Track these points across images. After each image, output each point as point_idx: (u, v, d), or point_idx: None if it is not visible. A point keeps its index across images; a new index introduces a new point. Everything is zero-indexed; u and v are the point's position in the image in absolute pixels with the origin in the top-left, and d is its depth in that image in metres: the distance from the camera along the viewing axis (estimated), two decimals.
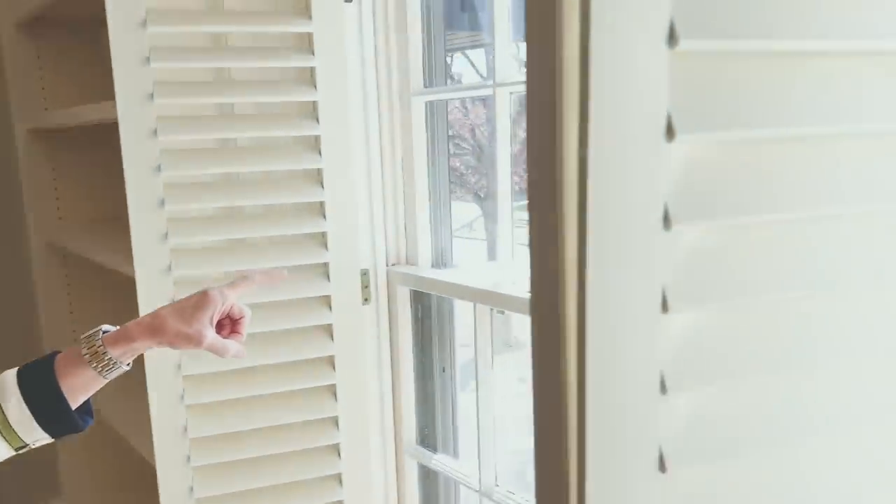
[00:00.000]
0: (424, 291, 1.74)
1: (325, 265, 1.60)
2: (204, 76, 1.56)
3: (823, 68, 0.67)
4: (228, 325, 1.15)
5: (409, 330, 1.78)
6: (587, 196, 0.59)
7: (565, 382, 0.63)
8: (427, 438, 1.87)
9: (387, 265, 1.74)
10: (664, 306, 0.63)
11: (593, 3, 0.56)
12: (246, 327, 1.16)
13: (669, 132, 0.60)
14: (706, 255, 0.65)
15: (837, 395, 0.72)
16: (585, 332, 0.61)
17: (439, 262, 1.79)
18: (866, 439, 0.74)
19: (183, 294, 1.30)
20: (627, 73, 0.58)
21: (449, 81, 2.16)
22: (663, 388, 0.64)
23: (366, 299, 1.71)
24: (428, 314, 1.82)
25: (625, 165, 0.60)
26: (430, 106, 1.71)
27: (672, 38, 0.59)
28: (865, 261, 0.70)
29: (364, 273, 1.69)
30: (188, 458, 1.59)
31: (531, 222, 0.65)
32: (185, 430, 1.57)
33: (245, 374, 1.60)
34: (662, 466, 0.64)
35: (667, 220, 0.61)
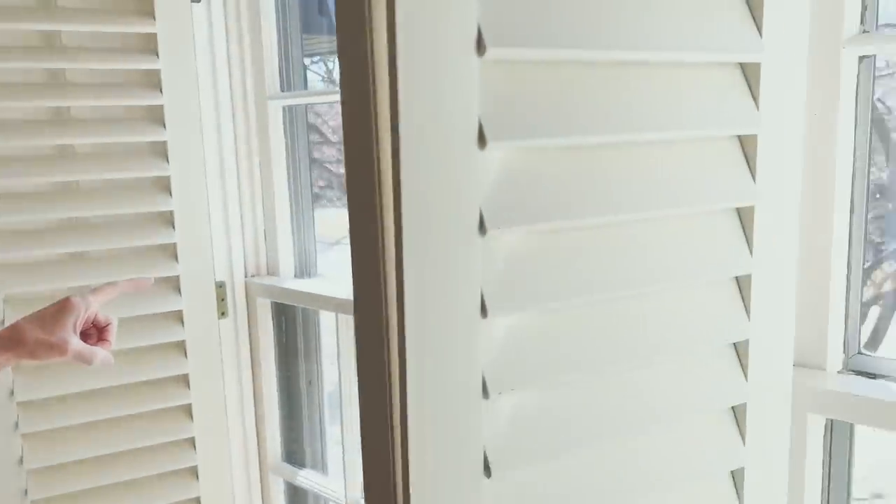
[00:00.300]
0: (286, 303, 1.69)
1: (176, 278, 1.52)
2: (34, 78, 1.44)
3: (634, 77, 0.70)
4: (95, 333, 1.08)
5: (271, 343, 1.72)
6: (401, 202, 0.58)
7: (388, 388, 0.63)
8: (294, 454, 1.81)
9: (245, 276, 1.68)
10: (483, 310, 0.63)
11: (399, 12, 0.56)
12: (114, 335, 1.09)
13: (481, 139, 0.61)
14: (525, 260, 0.66)
15: (654, 391, 0.75)
16: (405, 338, 0.60)
17: (303, 271, 1.74)
18: (683, 432, 0.78)
19: (13, 315, 1.20)
20: (437, 80, 0.58)
21: (330, 86, 2.12)
22: (486, 392, 0.64)
23: (223, 313, 1.64)
24: (292, 326, 1.77)
25: (438, 172, 0.60)
26: (289, 110, 1.66)
27: (480, 46, 0.59)
28: (676, 261, 0.74)
29: (220, 285, 1.62)
30: (25, 492, 1.46)
31: (351, 228, 0.64)
32: (21, 461, 1.44)
33: (90, 398, 1.49)
34: (488, 471, 0.65)
35: (482, 226, 0.62)
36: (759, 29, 0.75)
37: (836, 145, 0.93)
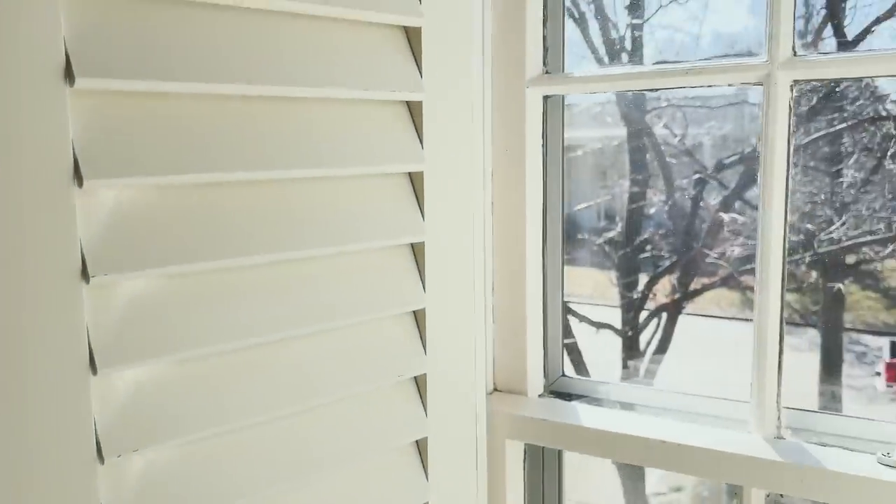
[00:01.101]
0: None
1: None
2: None
3: (282, 114, 0.68)
4: None
5: None
6: None
7: None
8: None
9: None
10: (93, 365, 0.57)
11: None
12: None
13: (78, 177, 0.55)
14: (148, 308, 0.60)
15: (324, 434, 0.73)
16: None
17: None
18: (361, 473, 0.76)
19: None
20: (12, 110, 0.52)
21: None
22: (101, 455, 0.58)
23: None
24: None
25: (23, 211, 0.53)
26: None
27: (69, 76, 0.54)
28: (342, 299, 0.73)
29: None
30: None
31: None
32: None
33: None
34: None
35: (86, 272, 0.56)
36: (420, 69, 0.76)
37: (525, 178, 0.98)
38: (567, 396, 1.05)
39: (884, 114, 5.01)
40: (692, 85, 0.88)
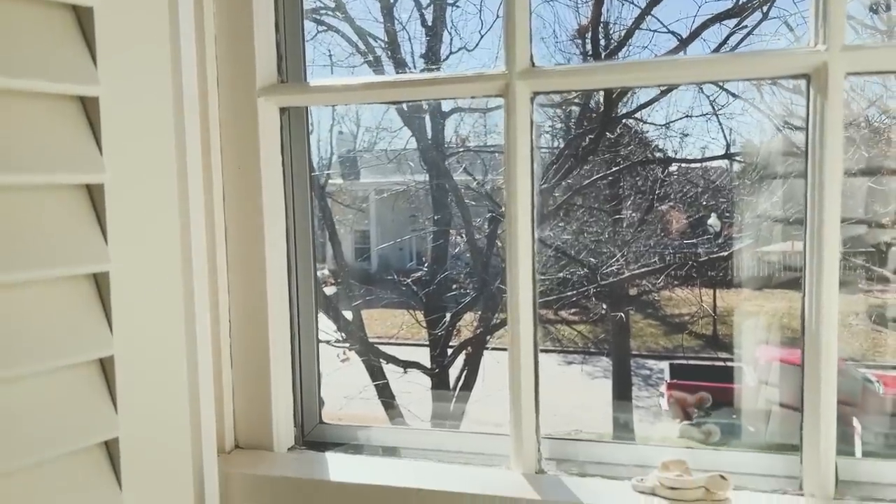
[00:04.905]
0: None
1: None
2: None
3: None
4: None
5: None
6: None
7: None
8: None
9: None
10: None
11: None
12: None
13: None
14: None
15: None
16: None
17: None
18: None
19: None
20: None
21: None
22: None
23: None
24: None
25: None
26: None
27: None
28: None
29: None
30: None
31: None
32: None
33: None
34: None
35: None
36: (96, 63, 0.61)
37: (262, 199, 0.85)
38: (324, 446, 0.93)
39: (651, 158, 5.58)
40: (436, 97, 0.82)
